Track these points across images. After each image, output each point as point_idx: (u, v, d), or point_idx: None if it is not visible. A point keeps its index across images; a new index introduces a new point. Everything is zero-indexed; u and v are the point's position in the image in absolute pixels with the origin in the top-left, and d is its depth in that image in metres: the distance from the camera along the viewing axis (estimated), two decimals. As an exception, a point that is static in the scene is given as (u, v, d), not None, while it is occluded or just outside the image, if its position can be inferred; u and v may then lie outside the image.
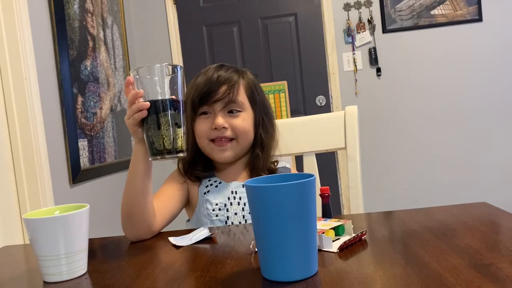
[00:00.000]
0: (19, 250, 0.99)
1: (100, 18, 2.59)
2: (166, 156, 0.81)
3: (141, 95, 0.81)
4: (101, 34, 2.58)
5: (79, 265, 0.68)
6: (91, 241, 0.71)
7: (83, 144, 2.23)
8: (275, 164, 1.11)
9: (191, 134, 1.05)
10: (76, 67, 2.23)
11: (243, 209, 1.04)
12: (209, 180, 1.08)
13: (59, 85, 2.07)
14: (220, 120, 1.01)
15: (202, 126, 1.03)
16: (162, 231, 0.95)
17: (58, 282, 0.66)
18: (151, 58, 3.22)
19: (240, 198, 1.05)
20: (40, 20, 1.99)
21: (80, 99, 2.23)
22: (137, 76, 0.82)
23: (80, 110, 2.22)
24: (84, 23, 2.36)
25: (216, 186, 1.07)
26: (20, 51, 1.80)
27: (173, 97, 0.81)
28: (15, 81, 1.80)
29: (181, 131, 0.81)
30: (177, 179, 1.07)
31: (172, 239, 0.83)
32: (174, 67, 0.82)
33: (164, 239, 0.87)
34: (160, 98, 0.80)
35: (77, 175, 2.13)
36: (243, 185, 1.05)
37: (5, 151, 1.78)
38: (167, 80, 0.82)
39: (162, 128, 0.80)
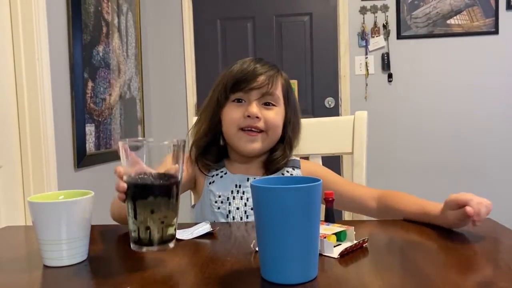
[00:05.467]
0: (20, 232, 0.99)
1: (116, 4, 2.59)
2: (143, 249, 0.64)
3: (121, 175, 0.66)
4: (116, 21, 2.58)
5: (80, 252, 0.68)
6: (92, 228, 0.71)
7: (90, 129, 2.23)
8: None
9: (208, 120, 1.04)
10: (88, 51, 2.23)
11: (245, 204, 1.02)
12: (216, 170, 1.06)
13: (71, 69, 2.08)
14: (255, 109, 0.99)
15: (233, 113, 1.01)
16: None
17: (58, 267, 0.66)
18: (163, 48, 3.22)
19: (243, 193, 1.03)
20: (56, 2, 1.99)
21: (90, 84, 2.24)
22: (127, 146, 0.68)
23: (89, 95, 2.23)
24: (99, 8, 2.37)
25: (221, 177, 1.05)
26: (34, 31, 1.80)
27: (165, 173, 0.64)
28: (27, 61, 1.80)
29: (171, 221, 0.65)
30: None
31: (173, 232, 0.83)
32: (176, 144, 0.65)
33: (165, 231, 0.87)
34: (139, 181, 0.64)
35: (82, 159, 2.14)
36: (247, 178, 1.04)
37: (13, 131, 1.79)
38: (160, 155, 0.66)
39: (140, 217, 0.63)
